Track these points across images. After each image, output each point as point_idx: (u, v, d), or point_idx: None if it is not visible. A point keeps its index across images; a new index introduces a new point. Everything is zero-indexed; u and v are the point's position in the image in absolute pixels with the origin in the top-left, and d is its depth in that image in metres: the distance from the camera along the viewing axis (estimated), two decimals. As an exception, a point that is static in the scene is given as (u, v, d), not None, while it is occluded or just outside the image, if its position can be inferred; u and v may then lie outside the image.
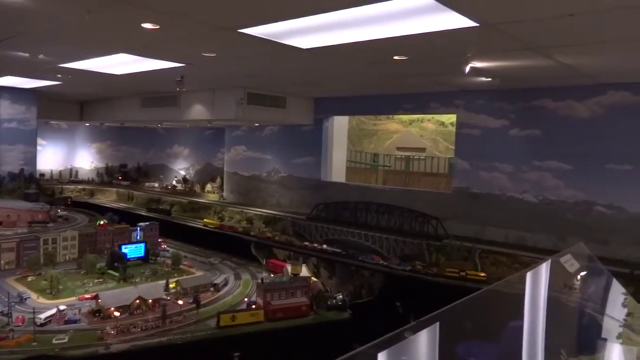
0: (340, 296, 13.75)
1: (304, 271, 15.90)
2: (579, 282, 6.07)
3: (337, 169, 25.40)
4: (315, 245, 20.54)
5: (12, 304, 12.45)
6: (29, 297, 13.42)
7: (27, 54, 15.44)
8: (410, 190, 22.39)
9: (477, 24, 9.20)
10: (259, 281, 14.56)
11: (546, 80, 15.71)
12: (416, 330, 3.17)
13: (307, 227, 22.39)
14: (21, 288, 14.17)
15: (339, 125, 25.56)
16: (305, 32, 10.92)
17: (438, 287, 16.42)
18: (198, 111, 22.29)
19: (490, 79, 15.53)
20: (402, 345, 3.03)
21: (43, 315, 11.75)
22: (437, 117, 25.42)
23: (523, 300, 4.96)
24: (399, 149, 27.91)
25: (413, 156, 27.12)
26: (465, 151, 19.44)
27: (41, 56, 15.69)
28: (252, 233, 22.39)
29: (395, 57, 12.98)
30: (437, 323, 3.25)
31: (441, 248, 18.12)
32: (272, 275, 16.00)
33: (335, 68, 15.42)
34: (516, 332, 4.95)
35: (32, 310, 12.07)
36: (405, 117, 26.43)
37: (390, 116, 26.93)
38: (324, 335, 12.89)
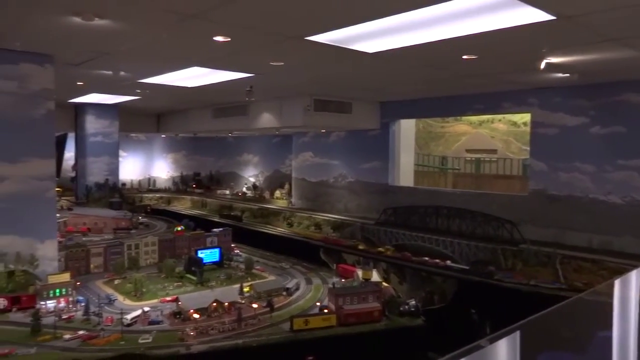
0: (413, 302, 13.50)
1: (375, 276, 15.79)
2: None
3: (404, 173, 25.09)
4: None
5: (102, 305, 13.35)
6: (116, 299, 14.32)
7: (110, 72, 16.60)
8: (482, 194, 21.64)
9: (554, 17, 8.78)
10: (331, 286, 14.61)
11: (629, 72, 14.68)
12: (495, 339, 3.02)
13: (376, 232, 22.26)
14: (109, 290, 15.15)
15: (406, 128, 25.25)
16: (371, 36, 10.92)
17: (515, 295, 15.72)
18: (267, 119, 22.88)
19: (567, 75, 14.74)
20: (482, 355, 2.89)
21: (129, 316, 12.49)
22: (508, 117, 24.42)
23: (611, 310, 4.62)
24: (468, 151, 27.07)
25: (483, 158, 26.20)
26: (541, 152, 18.53)
27: (122, 73, 16.80)
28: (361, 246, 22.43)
29: (465, 57, 12.66)
30: (518, 332, 3.10)
31: (517, 253, 17.34)
32: (342, 280, 16.01)
33: (402, 71, 15.29)
34: (605, 344, 4.62)
35: (119, 312, 12.88)
36: (475, 119, 25.62)
37: (459, 118, 26.20)
38: (397, 341, 12.72)
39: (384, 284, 15.71)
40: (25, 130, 13.94)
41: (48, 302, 13.22)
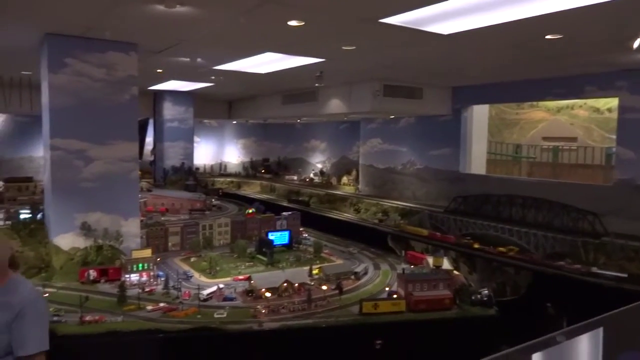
0: (486, 291, 13.12)
1: (446, 264, 15.50)
2: None
3: (476, 161, 24.30)
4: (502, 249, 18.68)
5: (180, 280, 14.10)
6: (192, 276, 15.05)
7: (187, 59, 17.27)
8: (561, 183, 20.54)
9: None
10: (400, 272, 14.52)
11: None
12: (573, 334, 2.85)
13: (445, 220, 21.78)
14: (185, 267, 15.96)
15: (479, 114, 24.38)
16: (447, 17, 10.61)
17: (595, 289, 14.88)
18: (335, 105, 22.92)
19: (663, 54, 13.59)
20: (559, 350, 2.74)
21: (205, 292, 13.11)
22: (590, 102, 22.87)
23: None
24: (545, 139, 25.68)
25: (562, 146, 24.75)
26: (630, 139, 17.25)
27: (199, 60, 17.41)
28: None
29: (548, 37, 11.99)
30: (601, 328, 2.91)
31: (600, 246, 16.34)
32: (412, 267, 15.86)
33: (477, 53, 14.75)
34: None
35: (196, 287, 13.54)
36: (552, 105, 24.22)
37: (535, 104, 24.88)
38: (468, 330, 12.45)
39: (455, 272, 15.40)
40: (112, 115, 14.87)
41: (132, 275, 14.13)
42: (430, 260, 15.71)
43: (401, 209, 24.34)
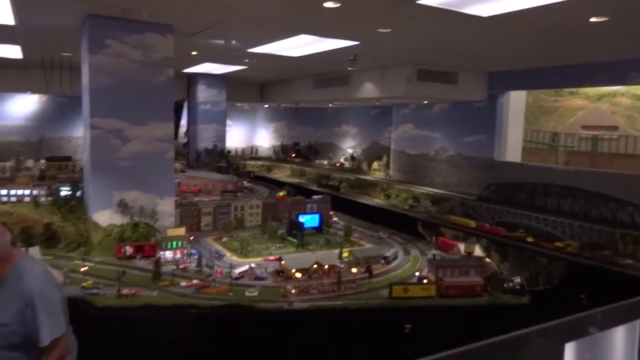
0: (519, 280, 12.94)
1: (478, 251, 15.33)
2: None
3: (511, 148, 23.75)
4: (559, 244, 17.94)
5: (213, 259, 14.41)
6: (224, 255, 15.36)
7: (222, 41, 17.37)
8: (600, 173, 19.90)
9: None
10: (431, 257, 14.45)
11: None
12: (609, 325, 2.75)
13: (478, 207, 21.48)
14: (217, 246, 16.28)
15: (516, 101, 23.76)
16: (488, -2, 10.34)
17: (633, 282, 14.47)
18: (368, 89, 22.73)
19: None
20: (593, 341, 2.65)
21: (237, 271, 13.38)
22: (633, 90, 21.99)
23: None
24: (584, 127, 24.87)
25: (602, 135, 23.93)
26: (676, 127, 16.56)
27: (233, 42, 17.50)
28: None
29: (592, 19, 11.55)
30: (638, 321, 2.81)
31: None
32: (442, 253, 15.74)
33: (517, 36, 14.32)
34: None
35: (228, 266, 13.82)
36: (593, 92, 23.39)
37: (575, 91, 24.07)
38: (498, 318, 12.32)
39: (487, 259, 15.22)
40: (149, 95, 15.16)
41: (167, 252, 14.52)
42: (462, 246, 15.56)
43: (432, 195, 24.10)
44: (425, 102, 26.21)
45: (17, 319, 3.30)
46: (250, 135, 39.46)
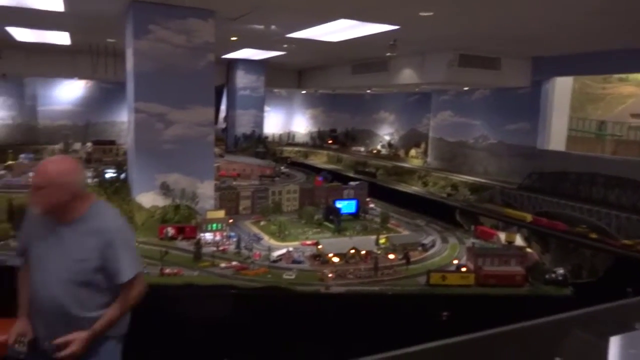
0: (562, 271, 12.59)
1: (519, 240, 15.00)
2: None
3: (556, 137, 22.98)
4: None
5: (251, 241, 14.64)
6: (262, 238, 15.56)
7: (261, 26, 17.45)
8: (650, 162, 19.06)
9: None
10: (470, 245, 14.23)
11: None
12: None
13: (518, 197, 20.96)
14: (256, 230, 16.51)
15: (562, 87, 22.92)
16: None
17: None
18: (407, 75, 22.41)
19: None
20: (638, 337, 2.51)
21: (275, 254, 13.55)
22: (689, 77, 20.86)
23: None
24: (633, 115, 23.78)
25: (654, 124, 22.87)
26: None
27: (273, 27, 17.55)
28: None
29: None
30: None
31: (692, 231, 15.15)
32: (481, 242, 15.49)
33: (568, 17, 13.67)
34: None
35: (266, 249, 14.02)
36: (645, 79, 22.30)
37: (625, 77, 23.00)
38: (539, 309, 12.01)
39: (528, 249, 14.87)
40: (190, 80, 15.41)
41: (207, 234, 14.84)
42: (502, 236, 15.25)
43: (471, 183, 23.67)
44: (466, 88, 25.63)
45: (95, 254, 3.44)
46: (287, 121, 39.64)
